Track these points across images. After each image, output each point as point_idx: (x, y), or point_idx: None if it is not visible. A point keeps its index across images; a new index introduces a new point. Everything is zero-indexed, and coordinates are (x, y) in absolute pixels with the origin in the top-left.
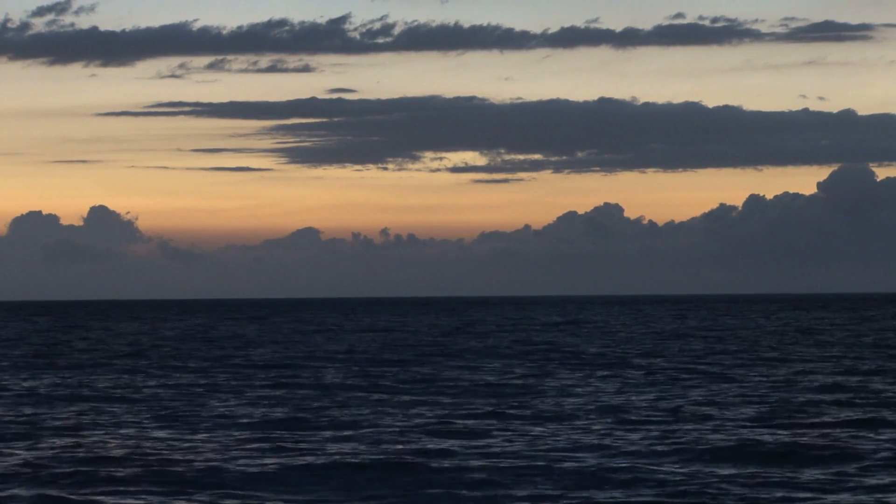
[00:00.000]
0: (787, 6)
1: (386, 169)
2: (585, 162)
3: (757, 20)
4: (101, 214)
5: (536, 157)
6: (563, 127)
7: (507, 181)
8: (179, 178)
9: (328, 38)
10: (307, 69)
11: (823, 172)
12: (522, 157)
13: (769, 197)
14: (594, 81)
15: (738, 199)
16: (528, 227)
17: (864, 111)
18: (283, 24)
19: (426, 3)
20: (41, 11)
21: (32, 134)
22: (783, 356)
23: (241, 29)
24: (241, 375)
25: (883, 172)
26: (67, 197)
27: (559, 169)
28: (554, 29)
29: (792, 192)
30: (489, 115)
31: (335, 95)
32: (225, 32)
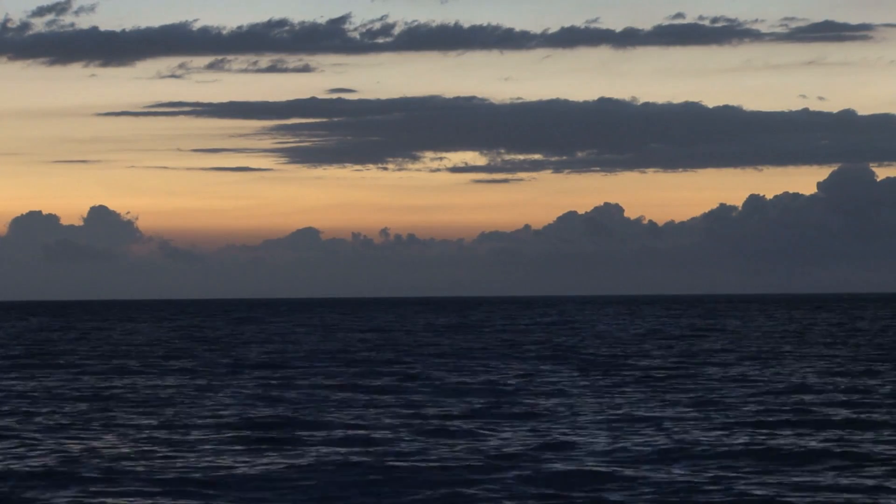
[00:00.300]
0: (787, 6)
1: (386, 169)
2: (585, 162)
3: (757, 20)
4: (101, 214)
5: (536, 157)
6: (563, 127)
7: (507, 181)
8: (179, 178)
9: (328, 38)
10: (307, 69)
11: (823, 172)
12: (522, 157)
13: (769, 197)
14: (594, 81)
15: (738, 199)
16: (528, 227)
17: (863, 111)
18: (283, 24)
19: (426, 3)
20: (41, 11)
21: (32, 134)
22: (783, 356)
23: (241, 29)
24: (234, 375)
25: (883, 172)
26: (67, 197)
27: (559, 169)
28: (554, 29)
29: (792, 192)
30: (489, 115)
31: (335, 95)
32: (225, 32)
